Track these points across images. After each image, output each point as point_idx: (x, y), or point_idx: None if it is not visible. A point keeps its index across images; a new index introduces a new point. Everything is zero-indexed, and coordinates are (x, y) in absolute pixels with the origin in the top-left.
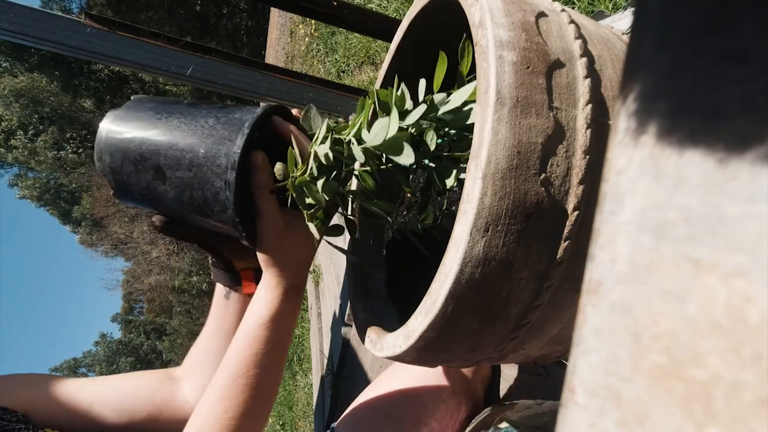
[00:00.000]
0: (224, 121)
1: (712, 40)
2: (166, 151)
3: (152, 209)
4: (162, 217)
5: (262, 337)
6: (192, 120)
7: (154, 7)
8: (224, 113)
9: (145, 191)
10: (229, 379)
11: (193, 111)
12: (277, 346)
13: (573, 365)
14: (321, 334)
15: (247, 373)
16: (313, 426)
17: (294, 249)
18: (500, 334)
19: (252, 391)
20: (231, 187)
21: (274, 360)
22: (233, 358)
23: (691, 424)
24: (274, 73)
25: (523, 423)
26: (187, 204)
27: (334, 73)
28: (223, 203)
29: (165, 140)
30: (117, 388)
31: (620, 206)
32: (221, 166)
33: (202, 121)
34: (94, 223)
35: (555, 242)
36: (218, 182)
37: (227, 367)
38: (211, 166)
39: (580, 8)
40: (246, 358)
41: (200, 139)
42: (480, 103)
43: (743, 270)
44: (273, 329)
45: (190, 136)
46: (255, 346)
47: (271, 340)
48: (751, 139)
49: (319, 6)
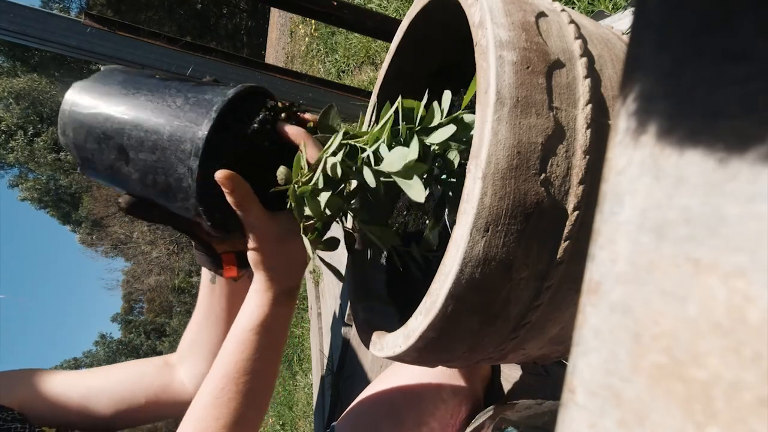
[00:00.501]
0: (194, 102)
1: (712, 40)
2: (130, 131)
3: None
4: (129, 197)
5: (252, 341)
6: (160, 98)
7: (154, 7)
8: (195, 93)
9: (110, 171)
10: (219, 385)
11: (162, 88)
12: (269, 350)
13: (573, 365)
14: (321, 334)
15: (237, 379)
16: (313, 426)
17: (289, 254)
18: (500, 334)
19: (243, 398)
20: (194, 174)
21: (266, 365)
22: (224, 364)
23: (691, 424)
24: (274, 73)
25: (523, 423)
26: (150, 187)
27: (334, 73)
28: (186, 190)
29: (130, 119)
30: (113, 378)
31: (620, 206)
32: (185, 151)
33: (170, 100)
34: (94, 223)
35: (555, 242)
36: (181, 168)
37: (218, 373)
38: (175, 151)
39: (580, 8)
40: (237, 364)
41: (166, 120)
42: (480, 103)
43: (743, 270)
44: (264, 334)
45: (156, 116)
46: (245, 352)
47: (263, 345)
48: (751, 139)
49: (319, 6)
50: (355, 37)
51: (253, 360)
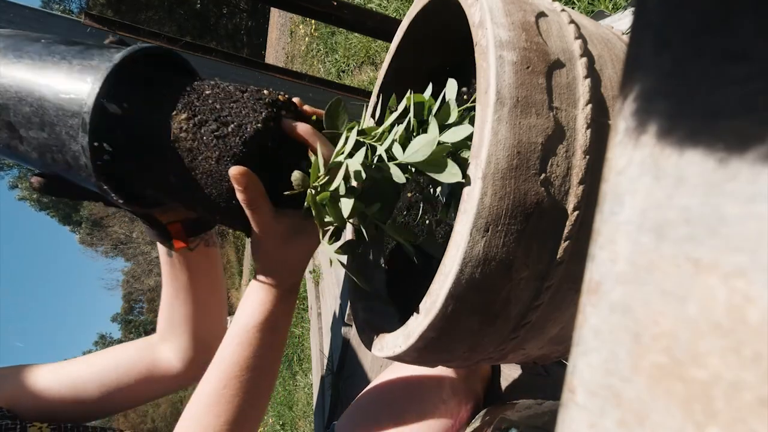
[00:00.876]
0: (79, 70)
1: (712, 40)
2: (14, 105)
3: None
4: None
5: (256, 338)
6: (43, 66)
7: (154, 7)
8: (81, 59)
9: (8, 150)
10: (221, 383)
11: (46, 54)
12: (272, 348)
13: (573, 365)
14: (321, 334)
15: (241, 376)
16: (313, 426)
17: (294, 253)
18: (500, 334)
19: (246, 395)
20: (87, 152)
21: (269, 362)
22: (226, 361)
23: (691, 424)
24: (274, 73)
25: (523, 423)
26: (52, 166)
27: (334, 73)
28: (85, 168)
29: (12, 92)
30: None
31: (620, 206)
32: (74, 126)
33: (54, 68)
34: (94, 223)
35: (555, 242)
36: (75, 145)
37: (219, 370)
38: (63, 126)
39: (580, 8)
40: (239, 361)
41: (51, 92)
42: (480, 103)
43: (743, 270)
44: (268, 330)
45: (38, 87)
46: (248, 349)
47: (266, 342)
48: (751, 139)
49: (319, 6)
50: (355, 37)
51: (257, 357)
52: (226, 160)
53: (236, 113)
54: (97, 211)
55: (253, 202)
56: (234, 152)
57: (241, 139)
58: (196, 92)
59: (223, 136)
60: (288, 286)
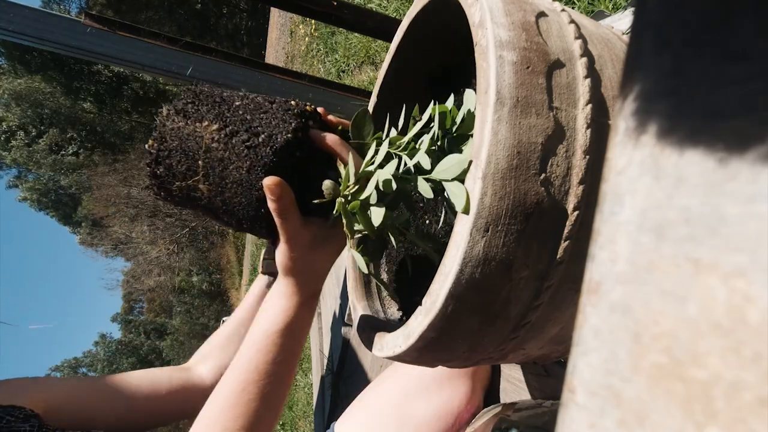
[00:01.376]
0: None
1: (712, 40)
2: None
3: None
4: None
5: (277, 344)
6: None
7: (154, 7)
8: None
9: None
10: (239, 387)
11: None
12: (292, 354)
13: (573, 365)
14: (321, 334)
15: (259, 381)
16: (313, 426)
17: (319, 261)
18: (500, 334)
19: (263, 400)
20: None
21: (287, 368)
22: (244, 365)
23: (691, 424)
24: (274, 73)
25: (523, 423)
26: None
27: (334, 73)
28: None
29: None
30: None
31: (620, 206)
32: None
33: None
34: (94, 223)
35: (555, 242)
36: None
37: (237, 374)
38: None
39: (580, 8)
40: (259, 366)
41: None
42: (480, 103)
43: (743, 270)
44: (289, 336)
45: None
46: (268, 355)
47: (286, 348)
48: (751, 139)
49: (319, 6)
50: (355, 37)
51: (276, 363)
52: (257, 169)
53: (266, 124)
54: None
55: (285, 211)
56: (265, 162)
57: (271, 149)
58: (226, 103)
59: (254, 146)
60: (311, 292)
